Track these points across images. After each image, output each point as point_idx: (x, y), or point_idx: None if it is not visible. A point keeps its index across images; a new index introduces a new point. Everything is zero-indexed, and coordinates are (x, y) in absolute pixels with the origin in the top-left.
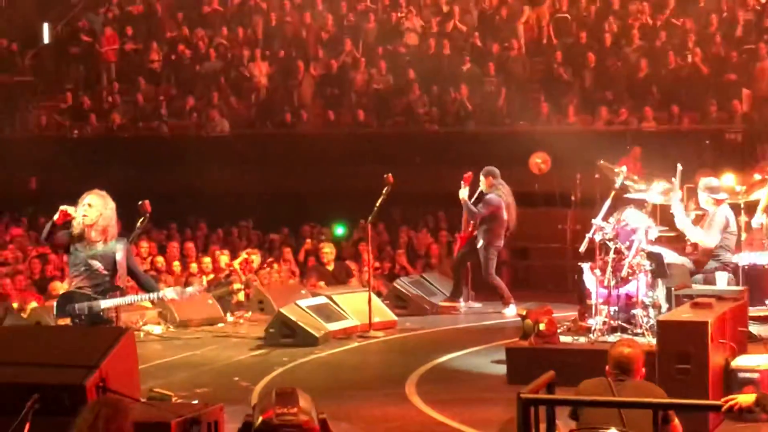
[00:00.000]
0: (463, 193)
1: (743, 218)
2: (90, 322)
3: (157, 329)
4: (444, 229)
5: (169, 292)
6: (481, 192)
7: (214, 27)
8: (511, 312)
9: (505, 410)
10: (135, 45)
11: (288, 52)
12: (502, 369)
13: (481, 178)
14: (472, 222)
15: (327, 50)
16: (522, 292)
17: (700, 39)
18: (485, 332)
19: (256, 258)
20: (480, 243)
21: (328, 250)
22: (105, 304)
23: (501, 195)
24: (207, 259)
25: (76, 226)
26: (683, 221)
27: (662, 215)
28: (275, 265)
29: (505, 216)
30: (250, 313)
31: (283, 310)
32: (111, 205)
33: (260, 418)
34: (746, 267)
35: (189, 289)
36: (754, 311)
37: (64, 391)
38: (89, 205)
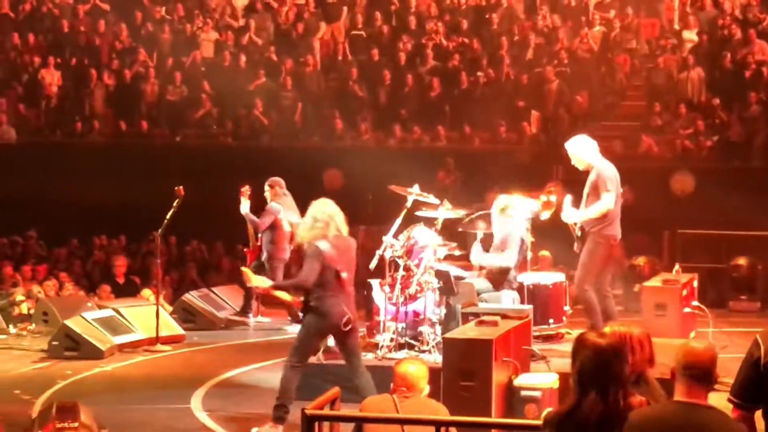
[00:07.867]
0: (244, 207)
1: (529, 238)
2: None
3: None
4: (238, 243)
5: None
6: (265, 202)
7: (5, 32)
8: (295, 329)
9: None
10: None
11: (80, 60)
12: None
13: (266, 188)
14: (259, 236)
15: (121, 59)
16: None
17: (491, 61)
18: (274, 347)
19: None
20: (264, 255)
21: (120, 263)
22: None
23: (282, 204)
24: None
25: None
26: (478, 257)
27: (451, 233)
28: (61, 277)
29: (287, 227)
30: (33, 325)
31: (67, 323)
32: None
33: None
34: (531, 286)
35: None
36: (537, 330)
37: None
38: None
